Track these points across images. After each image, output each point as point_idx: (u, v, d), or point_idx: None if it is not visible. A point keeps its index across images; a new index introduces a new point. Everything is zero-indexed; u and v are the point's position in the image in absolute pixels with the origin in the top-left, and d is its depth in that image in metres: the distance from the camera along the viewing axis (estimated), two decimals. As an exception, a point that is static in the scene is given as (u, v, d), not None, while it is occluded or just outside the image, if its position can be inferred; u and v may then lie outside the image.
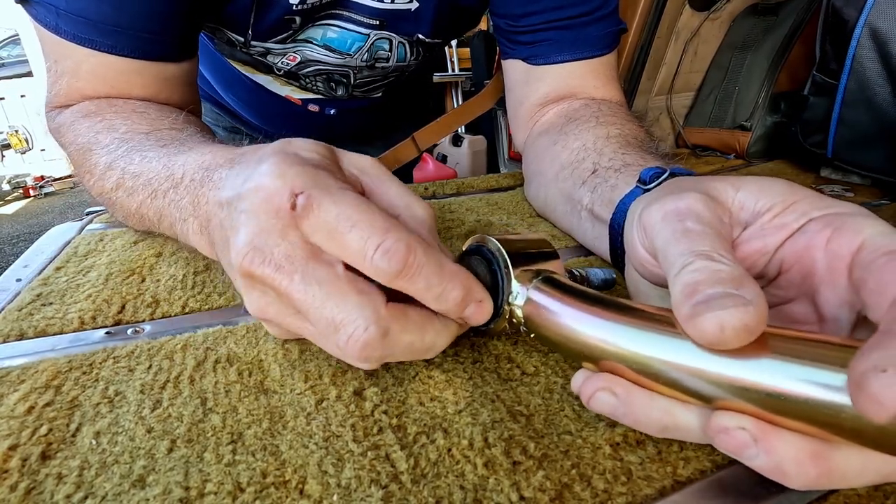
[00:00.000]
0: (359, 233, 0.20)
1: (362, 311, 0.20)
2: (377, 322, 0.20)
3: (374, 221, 0.20)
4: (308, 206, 0.20)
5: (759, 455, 0.16)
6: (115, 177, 0.33)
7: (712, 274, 0.17)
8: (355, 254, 0.20)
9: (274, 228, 0.20)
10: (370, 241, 0.20)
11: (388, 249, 0.19)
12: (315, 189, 0.20)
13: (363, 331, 0.20)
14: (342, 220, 0.20)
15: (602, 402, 0.19)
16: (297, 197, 0.20)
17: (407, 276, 0.20)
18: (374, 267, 0.20)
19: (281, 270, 0.20)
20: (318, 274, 0.20)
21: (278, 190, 0.20)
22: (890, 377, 0.12)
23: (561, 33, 0.47)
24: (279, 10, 0.48)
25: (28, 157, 4.33)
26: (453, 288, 0.21)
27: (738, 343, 0.15)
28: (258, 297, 0.22)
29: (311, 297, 0.20)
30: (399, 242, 0.20)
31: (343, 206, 0.20)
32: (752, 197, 0.21)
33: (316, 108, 0.68)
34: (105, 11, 0.36)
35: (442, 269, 0.21)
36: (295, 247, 0.20)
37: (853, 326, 0.19)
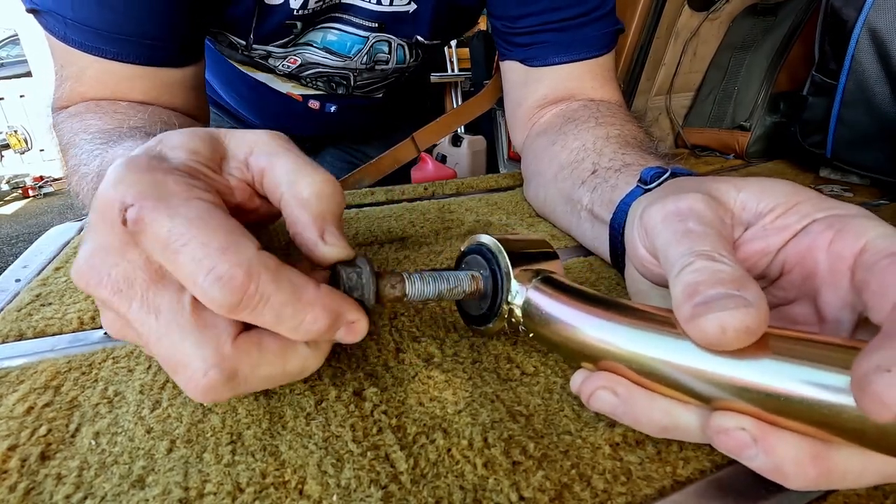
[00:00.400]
0: (189, 253, 0.16)
1: (201, 352, 0.17)
2: (219, 364, 0.17)
3: (210, 239, 0.16)
4: (139, 221, 0.17)
5: (758, 455, 0.16)
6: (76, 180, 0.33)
7: (713, 274, 0.16)
8: (186, 278, 0.17)
9: (112, 246, 0.18)
10: (201, 265, 0.16)
11: (220, 276, 0.16)
12: (148, 200, 0.17)
13: (202, 375, 0.17)
14: (174, 237, 0.16)
15: (602, 400, 0.19)
16: (128, 210, 0.17)
17: (249, 308, 0.17)
18: (205, 296, 0.16)
19: (119, 294, 0.18)
20: (158, 302, 0.18)
21: (111, 201, 0.17)
22: (893, 377, 0.12)
23: (558, 35, 0.47)
24: (281, 15, 0.48)
25: (27, 158, 4.32)
26: (315, 319, 0.18)
27: (739, 344, 0.15)
28: (113, 318, 0.19)
29: (148, 330, 0.17)
30: (236, 268, 0.16)
31: (177, 219, 0.17)
32: (754, 197, 0.21)
33: (316, 105, 0.68)
34: (109, 19, 0.37)
35: (298, 298, 0.17)
36: (135, 267, 0.18)
37: (854, 328, 0.19)
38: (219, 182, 0.21)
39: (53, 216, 3.46)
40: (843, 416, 0.14)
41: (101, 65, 0.38)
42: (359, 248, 0.40)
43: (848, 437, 0.15)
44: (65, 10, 0.36)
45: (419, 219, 0.46)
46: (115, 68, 0.39)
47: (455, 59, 2.75)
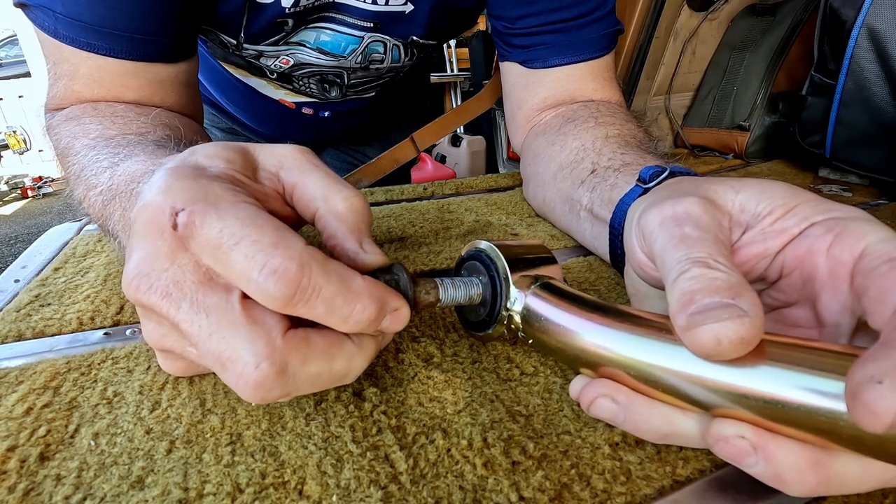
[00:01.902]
0: (242, 251, 0.17)
1: (252, 346, 0.17)
2: (270, 357, 0.17)
3: (261, 237, 0.17)
4: (190, 224, 0.17)
5: (758, 463, 0.16)
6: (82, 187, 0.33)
7: (709, 282, 0.16)
8: (240, 276, 0.17)
9: (160, 252, 0.18)
10: (255, 261, 0.17)
11: (274, 270, 0.17)
12: (199, 204, 0.18)
13: (253, 369, 0.17)
14: (226, 236, 0.17)
15: (602, 408, 0.19)
16: (178, 215, 0.18)
17: (303, 301, 0.17)
18: (260, 291, 0.17)
19: (168, 298, 0.18)
20: (208, 302, 0.18)
21: (161, 207, 0.18)
22: (886, 388, 0.12)
23: (557, 36, 0.47)
24: (271, 12, 0.48)
25: (26, 158, 4.32)
26: (364, 308, 0.18)
27: (734, 354, 0.15)
28: (154, 327, 0.20)
29: (198, 329, 0.18)
30: (290, 261, 0.17)
31: (228, 220, 0.17)
32: (752, 199, 0.21)
33: (310, 112, 0.68)
34: (100, 14, 0.36)
35: (347, 288, 0.18)
36: (185, 271, 0.18)
37: (854, 332, 0.19)
38: (256, 189, 0.22)
39: (52, 217, 3.45)
40: (841, 424, 0.14)
41: (93, 61, 0.38)
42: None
43: (846, 445, 0.15)
44: (54, 5, 0.36)
45: (419, 219, 0.46)
46: (108, 65, 0.38)
47: (454, 60, 2.76)
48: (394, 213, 0.48)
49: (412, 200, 0.53)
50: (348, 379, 0.20)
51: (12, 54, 4.53)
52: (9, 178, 4.03)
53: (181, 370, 0.23)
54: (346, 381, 0.20)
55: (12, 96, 4.24)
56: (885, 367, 0.13)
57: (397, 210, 0.49)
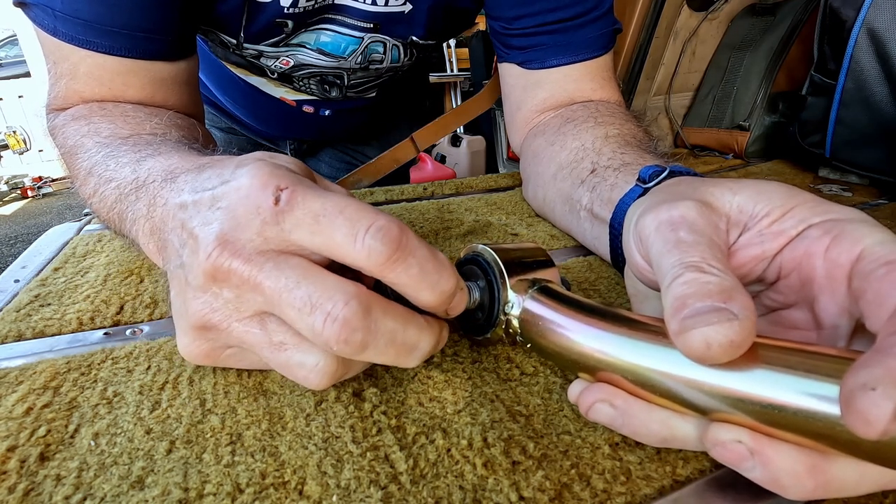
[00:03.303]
0: (347, 216, 0.19)
1: (342, 286, 0.19)
2: (358, 297, 0.19)
3: (362, 207, 0.19)
4: (293, 199, 0.19)
5: (755, 468, 0.16)
6: (93, 183, 0.33)
7: (701, 287, 0.16)
8: (344, 238, 0.19)
9: (251, 224, 0.20)
10: (361, 223, 0.19)
11: (380, 228, 0.19)
12: (300, 185, 0.20)
13: (343, 305, 0.18)
14: (329, 206, 0.19)
15: (601, 413, 0.19)
16: (283, 192, 0.19)
17: (402, 259, 0.19)
18: (366, 248, 0.19)
19: (251, 262, 0.19)
20: (293, 261, 0.19)
21: (263, 186, 0.20)
22: (878, 396, 0.12)
23: (555, 36, 0.47)
24: (270, 13, 0.48)
25: (26, 158, 4.32)
26: (449, 277, 0.20)
27: (725, 358, 0.15)
28: (208, 299, 0.20)
29: (286, 280, 0.19)
30: (392, 223, 0.19)
31: (329, 197, 0.19)
32: (750, 201, 0.21)
33: (310, 110, 0.68)
34: (100, 12, 0.36)
35: (435, 255, 0.20)
36: (270, 243, 0.20)
37: (852, 334, 0.19)
38: None
39: (52, 217, 3.45)
40: (838, 429, 0.14)
41: (93, 60, 0.38)
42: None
43: (843, 449, 0.15)
44: (54, 3, 0.36)
45: (418, 219, 0.46)
46: (108, 63, 0.38)
47: (454, 60, 2.76)
48: (394, 213, 0.48)
49: (412, 200, 0.53)
50: (414, 355, 0.21)
51: (12, 54, 4.53)
52: (9, 178, 4.03)
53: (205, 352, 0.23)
54: (412, 357, 0.21)
55: (12, 96, 4.24)
56: (878, 375, 0.13)
57: (397, 210, 0.49)
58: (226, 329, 0.21)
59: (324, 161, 0.85)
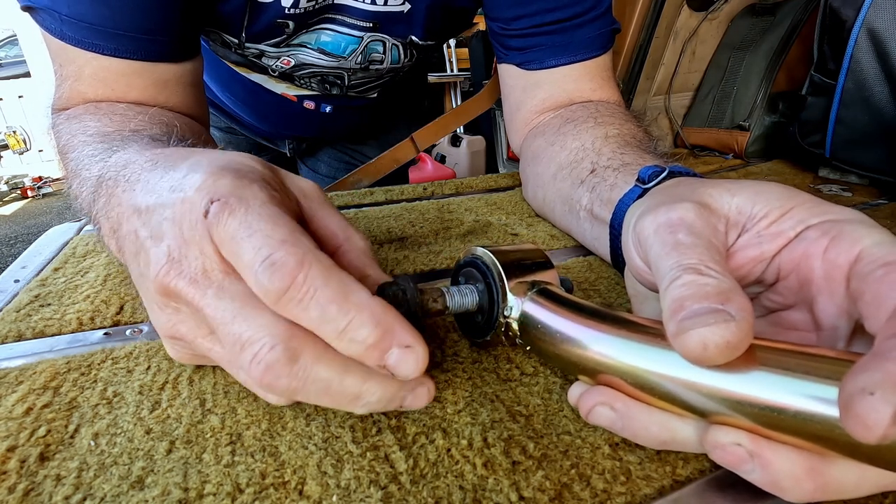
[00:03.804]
0: (253, 242, 0.17)
1: (272, 329, 0.17)
2: (286, 342, 0.17)
3: (273, 232, 0.17)
4: (219, 214, 0.18)
5: (755, 470, 0.16)
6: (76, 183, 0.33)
7: (698, 289, 0.17)
8: (245, 267, 0.17)
9: (193, 240, 0.19)
10: (260, 253, 0.17)
11: (273, 262, 0.17)
12: (231, 198, 0.18)
13: (268, 349, 0.17)
14: (243, 228, 0.18)
15: (601, 416, 0.19)
16: (213, 204, 0.18)
17: (296, 299, 0.17)
18: (257, 283, 0.17)
19: (195, 284, 0.19)
20: (235, 289, 0.18)
21: (199, 200, 0.19)
22: (877, 400, 0.12)
23: (553, 37, 0.47)
24: (272, 13, 0.48)
25: (26, 158, 4.32)
26: (361, 324, 0.17)
27: (722, 359, 0.15)
28: (171, 314, 0.20)
29: (223, 312, 0.18)
30: (290, 256, 0.17)
31: (251, 215, 0.18)
32: (748, 202, 0.21)
33: (311, 106, 0.68)
34: (104, 15, 0.37)
35: (346, 298, 0.17)
36: (212, 260, 0.19)
37: (851, 335, 0.19)
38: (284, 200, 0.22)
39: (52, 217, 3.45)
40: (837, 431, 0.14)
41: (98, 62, 0.38)
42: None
43: (842, 452, 0.15)
44: (60, 7, 0.36)
45: (418, 219, 0.46)
46: (113, 65, 0.39)
47: (454, 60, 2.76)
48: (394, 213, 0.48)
49: (412, 200, 0.53)
50: (359, 404, 0.19)
51: (12, 54, 4.53)
52: (9, 178, 4.03)
53: (187, 358, 0.23)
54: (356, 405, 0.19)
55: (12, 96, 4.24)
56: (877, 379, 0.13)
57: (397, 210, 0.49)
58: (192, 342, 0.21)
59: (323, 161, 0.85)
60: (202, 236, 0.19)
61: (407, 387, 0.19)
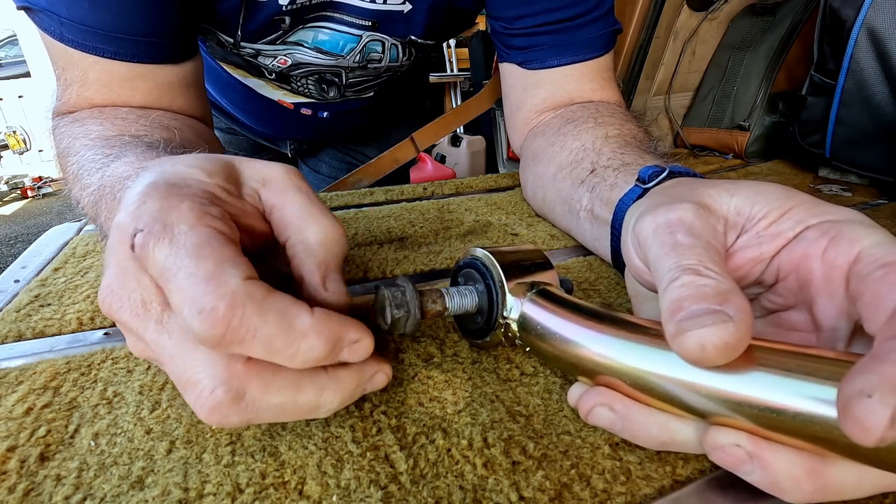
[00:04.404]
0: (177, 283, 0.16)
1: (210, 370, 0.17)
2: (227, 383, 0.17)
3: (198, 269, 0.16)
4: (144, 246, 0.17)
5: (754, 471, 0.16)
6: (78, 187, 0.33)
7: (697, 289, 0.16)
8: (176, 310, 0.17)
9: (129, 270, 0.18)
10: (185, 296, 0.16)
11: (202, 309, 0.16)
12: (156, 226, 0.17)
13: (208, 393, 0.17)
14: (169, 263, 0.17)
15: (600, 416, 0.19)
16: (136, 236, 0.17)
17: (237, 342, 0.16)
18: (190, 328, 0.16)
19: (137, 317, 0.18)
20: (172, 323, 0.18)
21: (126, 227, 0.18)
22: (874, 403, 0.12)
23: (555, 37, 0.47)
24: (269, 10, 0.48)
25: (26, 158, 4.32)
26: (310, 347, 0.17)
27: (721, 360, 0.15)
28: (134, 340, 0.20)
29: (162, 349, 0.18)
30: (219, 300, 0.16)
31: (176, 247, 0.17)
32: (747, 203, 0.21)
33: (308, 112, 0.68)
34: (104, 18, 0.37)
35: (289, 328, 0.17)
36: (149, 291, 0.18)
37: (851, 336, 0.19)
38: (233, 205, 0.21)
39: (52, 217, 3.45)
40: (836, 433, 0.14)
41: (101, 66, 0.38)
42: (358, 248, 0.40)
43: (842, 452, 0.15)
44: (59, 9, 0.36)
45: (418, 219, 0.46)
46: (115, 69, 0.39)
47: (454, 60, 2.76)
48: (394, 213, 0.48)
49: (412, 200, 0.53)
50: (321, 412, 0.19)
51: (12, 54, 4.53)
52: (9, 179, 4.03)
53: None
54: (317, 414, 0.19)
55: (12, 96, 4.24)
56: (875, 381, 0.13)
57: (397, 210, 0.49)
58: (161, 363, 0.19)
59: (324, 161, 0.85)
60: (136, 268, 0.18)
61: (364, 378, 0.20)
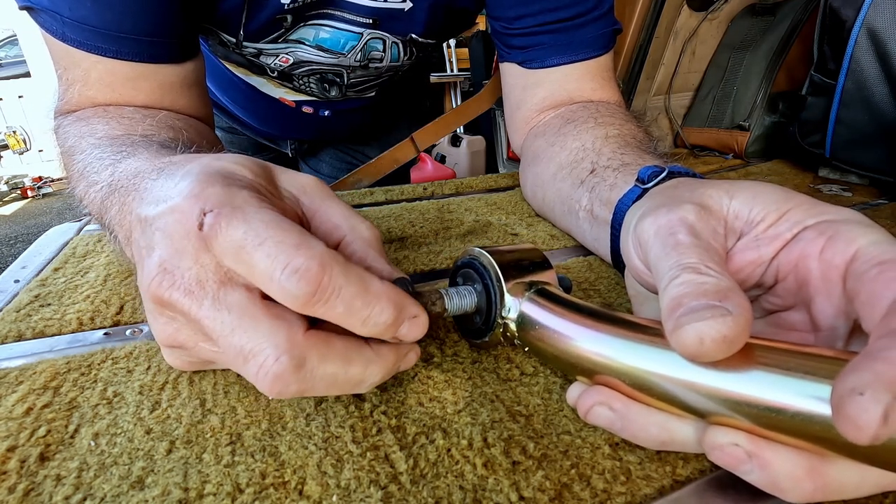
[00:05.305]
0: (265, 251, 0.17)
1: (273, 339, 0.18)
2: (290, 351, 0.18)
3: (284, 238, 0.18)
4: (215, 226, 0.18)
5: (753, 471, 0.16)
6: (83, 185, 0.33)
7: (697, 287, 0.17)
8: (262, 276, 0.18)
9: (186, 251, 0.19)
10: (277, 261, 0.17)
11: (297, 269, 0.17)
12: (226, 207, 0.18)
13: (273, 361, 0.18)
14: (249, 237, 0.18)
15: (599, 416, 0.19)
16: (206, 216, 0.18)
17: (322, 300, 0.18)
18: (282, 290, 0.17)
19: (191, 295, 0.19)
20: (231, 299, 0.19)
21: (191, 209, 0.19)
22: (867, 400, 0.12)
23: (555, 36, 0.47)
24: (271, 9, 0.48)
25: (26, 158, 4.32)
26: (382, 310, 0.19)
27: (719, 354, 0.15)
28: (166, 322, 0.20)
29: (221, 324, 0.18)
30: (311, 261, 0.17)
31: (253, 223, 0.18)
32: (745, 206, 0.21)
33: (310, 111, 0.68)
34: (106, 17, 0.37)
35: (367, 290, 0.18)
36: (207, 270, 0.19)
37: (850, 335, 0.19)
38: (278, 203, 0.22)
39: (52, 217, 3.45)
40: (835, 431, 0.14)
41: (103, 65, 0.38)
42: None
43: (841, 452, 0.15)
44: (61, 9, 0.36)
45: (418, 219, 0.46)
46: (117, 68, 0.39)
47: (454, 60, 2.76)
48: (394, 213, 0.48)
49: (412, 200, 0.53)
50: (363, 387, 0.20)
51: (12, 54, 4.53)
52: (9, 178, 4.02)
53: (187, 365, 0.23)
54: (360, 388, 0.21)
55: (12, 96, 4.24)
56: (867, 379, 0.13)
57: (397, 210, 0.49)
58: (193, 348, 0.21)
59: (324, 161, 0.85)
60: (197, 247, 0.19)
61: (401, 355, 0.22)
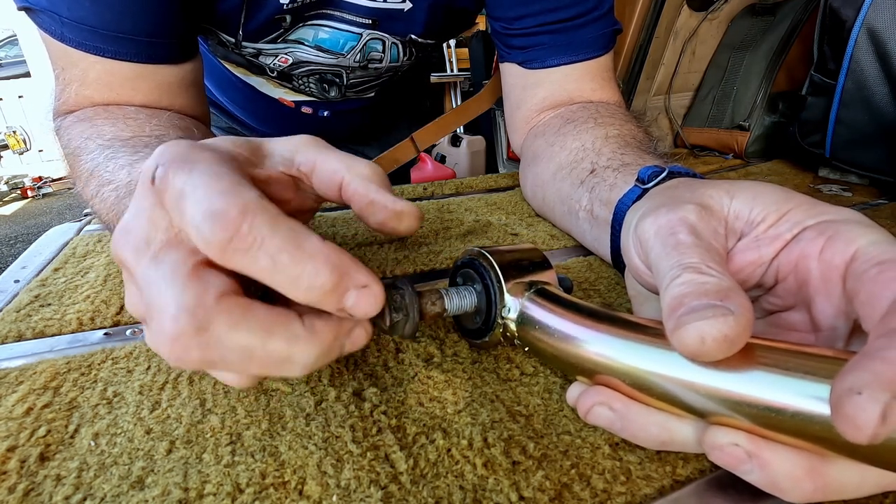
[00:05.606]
0: (195, 196, 0.16)
1: (178, 298, 0.16)
2: (192, 312, 0.16)
3: (215, 184, 0.16)
4: (164, 178, 0.17)
5: (753, 471, 0.16)
6: (94, 184, 0.33)
7: (698, 287, 0.17)
8: (188, 223, 0.16)
9: (142, 209, 0.18)
10: (199, 205, 0.16)
11: (213, 213, 0.16)
12: (177, 161, 0.17)
13: (170, 321, 0.16)
14: (188, 187, 0.16)
15: (599, 416, 0.19)
16: (158, 168, 0.17)
17: (242, 249, 0.16)
18: (199, 236, 0.16)
19: (136, 252, 0.18)
20: (168, 258, 0.17)
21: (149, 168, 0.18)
22: (865, 400, 0.12)
23: (555, 36, 0.47)
24: (270, 9, 0.48)
25: (26, 158, 4.32)
26: (317, 271, 0.16)
27: (720, 354, 0.15)
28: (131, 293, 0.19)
29: (146, 280, 0.17)
30: (231, 206, 0.16)
31: (195, 174, 0.17)
32: (746, 206, 0.21)
33: (309, 111, 0.68)
34: (105, 18, 0.37)
35: (298, 246, 0.16)
36: (158, 230, 0.18)
37: (850, 335, 0.19)
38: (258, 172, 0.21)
39: (52, 217, 3.45)
40: (835, 431, 0.14)
41: (102, 65, 0.38)
42: (358, 248, 0.40)
43: (841, 452, 0.15)
44: (60, 9, 0.36)
45: (418, 219, 0.46)
46: (116, 68, 0.39)
47: (454, 60, 2.76)
48: (394, 213, 0.48)
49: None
50: (293, 367, 0.18)
51: (12, 54, 4.53)
52: (9, 179, 4.02)
53: None
54: (290, 369, 0.18)
55: (12, 96, 4.24)
56: (865, 378, 0.13)
57: (397, 210, 0.49)
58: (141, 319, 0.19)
59: None
60: (152, 204, 0.18)
61: (343, 332, 0.19)
